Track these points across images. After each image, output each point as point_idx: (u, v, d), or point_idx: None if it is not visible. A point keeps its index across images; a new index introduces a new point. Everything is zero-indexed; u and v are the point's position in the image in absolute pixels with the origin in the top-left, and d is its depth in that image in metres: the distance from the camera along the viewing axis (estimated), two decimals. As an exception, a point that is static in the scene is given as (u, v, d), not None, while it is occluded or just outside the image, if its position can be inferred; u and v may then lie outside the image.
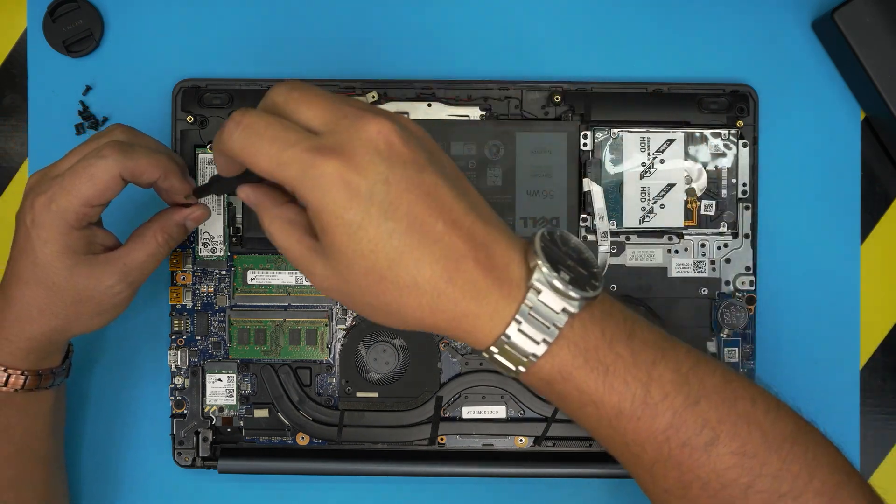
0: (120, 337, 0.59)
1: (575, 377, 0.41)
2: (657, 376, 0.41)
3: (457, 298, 0.40)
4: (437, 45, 0.59)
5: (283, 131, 0.40)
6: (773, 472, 0.41)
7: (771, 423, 0.42)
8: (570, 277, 0.40)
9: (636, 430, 0.41)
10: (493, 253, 0.41)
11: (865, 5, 0.56)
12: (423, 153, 0.41)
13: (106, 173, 0.47)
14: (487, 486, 0.60)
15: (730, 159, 0.58)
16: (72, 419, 0.59)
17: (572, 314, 0.40)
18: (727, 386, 0.42)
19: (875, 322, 0.59)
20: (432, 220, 0.40)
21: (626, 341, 0.41)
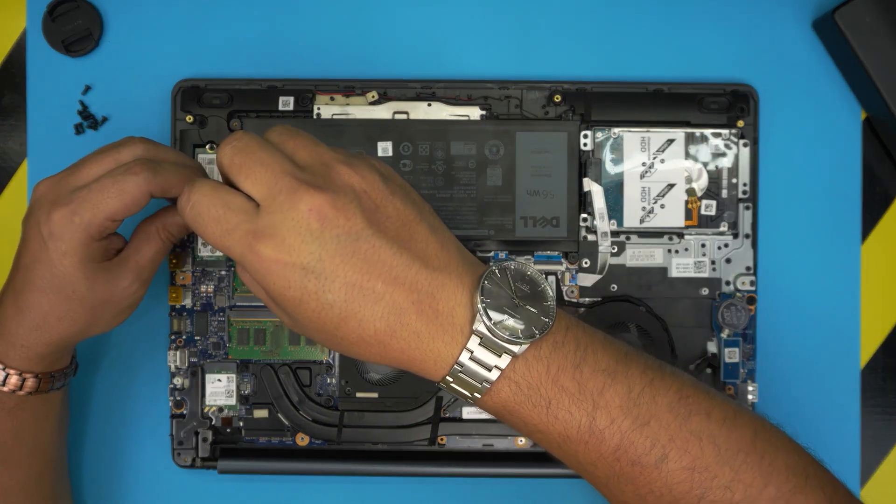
0: (120, 337, 0.59)
1: (518, 411, 0.43)
2: (604, 403, 0.42)
3: (402, 348, 0.42)
4: (437, 45, 0.59)
5: (224, 213, 0.42)
6: (725, 483, 0.42)
7: (726, 435, 0.43)
8: (514, 320, 0.42)
9: (586, 452, 0.43)
10: (438, 300, 0.42)
11: (866, 5, 0.55)
12: (359, 217, 0.42)
13: (136, 189, 0.47)
14: (487, 486, 0.59)
15: (730, 159, 0.58)
16: (72, 420, 0.59)
17: (515, 355, 0.42)
18: (681, 402, 0.43)
19: (875, 322, 0.59)
20: (371, 283, 0.42)
21: (571, 373, 0.43)
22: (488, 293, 0.43)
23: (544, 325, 0.43)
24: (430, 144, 0.57)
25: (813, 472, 0.44)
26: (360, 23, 0.59)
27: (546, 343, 0.43)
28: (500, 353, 0.42)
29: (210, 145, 0.58)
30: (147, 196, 0.48)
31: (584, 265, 0.58)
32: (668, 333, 0.57)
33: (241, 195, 0.43)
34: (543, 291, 0.44)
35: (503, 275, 0.44)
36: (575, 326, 0.44)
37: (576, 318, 0.45)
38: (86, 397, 0.59)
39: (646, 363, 0.44)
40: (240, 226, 0.42)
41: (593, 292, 0.58)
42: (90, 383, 0.59)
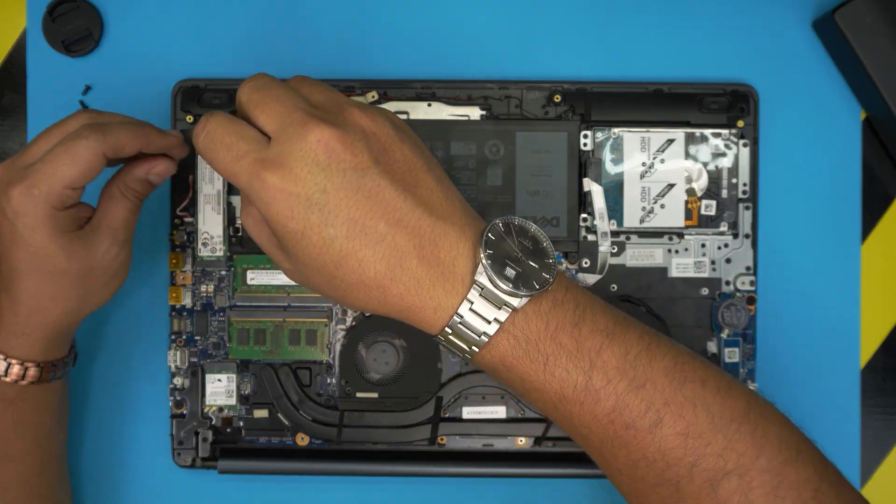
0: (120, 337, 0.59)
1: (516, 367, 0.43)
2: (601, 364, 0.43)
3: (402, 294, 0.42)
4: (437, 45, 0.59)
5: (236, 141, 0.43)
6: (718, 451, 0.42)
7: (720, 404, 0.43)
8: (516, 273, 0.42)
9: (580, 414, 0.43)
10: (440, 248, 0.43)
11: (866, 5, 0.55)
12: (367, 155, 0.42)
13: (88, 152, 0.47)
14: (487, 486, 0.59)
15: (730, 159, 0.58)
16: (72, 419, 0.59)
17: (515, 308, 0.42)
18: (677, 368, 0.43)
19: (875, 322, 0.59)
20: (374, 222, 0.42)
21: (570, 331, 0.43)
22: (491, 245, 0.43)
23: (545, 280, 0.43)
24: (430, 144, 0.57)
25: (804, 447, 0.44)
26: (360, 23, 0.59)
27: (546, 299, 0.43)
28: (499, 306, 0.42)
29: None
30: (100, 158, 0.47)
31: (584, 265, 0.58)
32: (668, 333, 0.57)
33: (255, 128, 0.43)
34: (546, 249, 0.44)
35: (507, 229, 0.44)
36: (575, 288, 0.45)
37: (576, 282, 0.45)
38: (86, 397, 0.59)
39: (643, 328, 0.45)
40: (249, 153, 0.42)
41: (593, 292, 0.58)
42: (91, 383, 0.59)
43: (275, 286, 0.58)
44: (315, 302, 0.58)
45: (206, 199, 0.57)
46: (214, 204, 0.57)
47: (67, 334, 0.52)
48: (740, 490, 0.42)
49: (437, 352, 0.58)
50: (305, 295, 0.58)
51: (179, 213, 0.58)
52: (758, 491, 0.42)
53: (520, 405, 0.58)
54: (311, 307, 0.58)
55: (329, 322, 0.58)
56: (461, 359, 0.44)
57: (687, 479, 0.42)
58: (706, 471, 0.42)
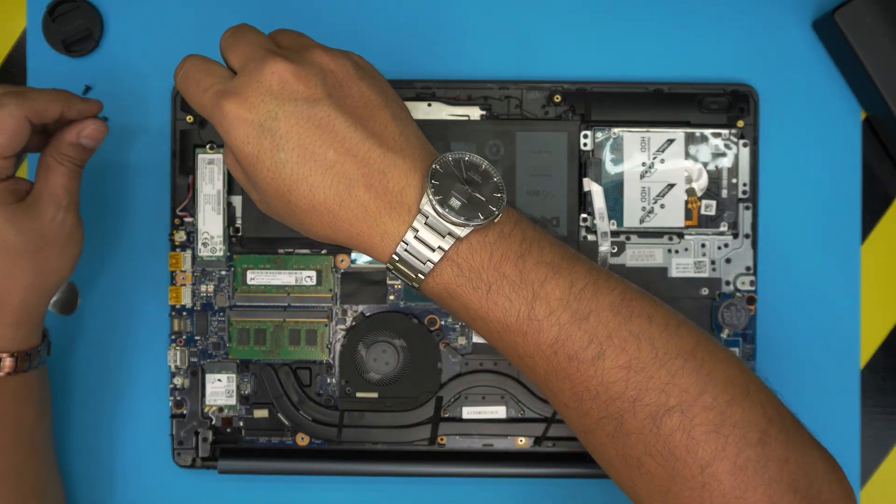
0: (119, 336, 0.59)
1: (459, 295, 0.44)
2: (544, 294, 0.43)
3: (350, 220, 0.44)
4: (437, 45, 0.59)
5: (204, 76, 0.46)
6: (661, 385, 0.42)
7: (665, 340, 0.43)
8: (462, 204, 0.44)
9: (524, 343, 0.44)
10: (389, 178, 0.44)
11: (866, 5, 0.55)
12: (320, 88, 0.44)
13: (10, 117, 0.48)
14: (487, 486, 0.59)
15: (730, 159, 0.58)
16: (71, 419, 0.59)
17: (459, 238, 0.44)
18: (624, 303, 0.44)
19: (875, 322, 0.59)
20: (323, 150, 0.44)
21: (514, 262, 0.44)
22: (438, 176, 0.44)
23: (491, 212, 0.44)
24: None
25: (756, 389, 0.44)
26: (361, 23, 0.59)
27: (493, 231, 0.44)
28: (444, 235, 0.44)
29: (210, 145, 0.58)
30: (24, 122, 0.49)
31: (584, 265, 0.58)
32: (668, 333, 0.57)
33: (225, 67, 0.46)
34: (495, 183, 0.45)
35: (456, 162, 0.45)
36: (525, 223, 0.46)
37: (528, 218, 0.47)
38: (86, 396, 0.59)
39: (591, 265, 0.45)
40: (213, 86, 0.45)
41: (593, 292, 0.58)
42: (90, 382, 0.59)
43: (275, 286, 0.58)
44: (315, 302, 0.58)
45: (206, 199, 0.57)
46: (214, 204, 0.57)
47: (35, 318, 0.52)
48: (682, 426, 0.42)
49: (436, 352, 0.58)
50: (306, 295, 0.58)
51: (179, 213, 0.58)
52: (700, 428, 0.42)
53: (520, 405, 0.58)
54: (311, 307, 0.58)
55: (329, 322, 0.58)
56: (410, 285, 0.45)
57: (630, 413, 0.43)
58: (648, 405, 0.42)
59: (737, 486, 0.42)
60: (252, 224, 0.57)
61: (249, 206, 0.57)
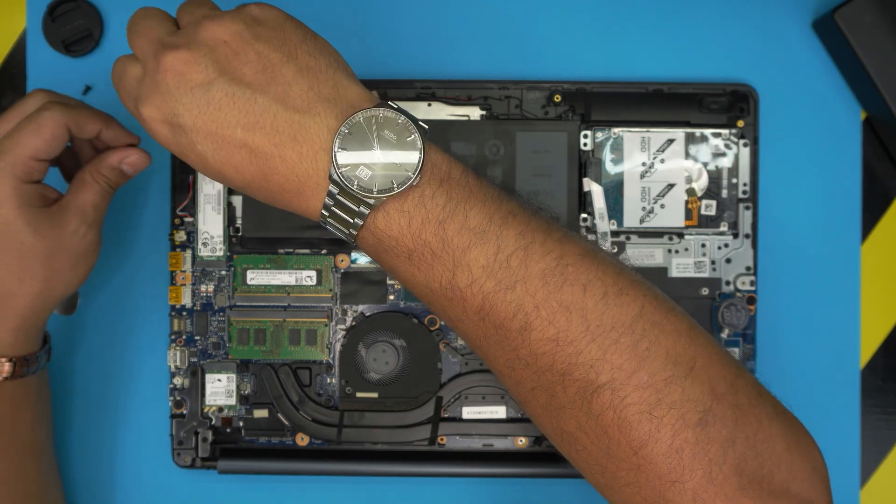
0: (119, 336, 0.59)
1: (383, 259, 0.44)
2: (466, 262, 0.41)
3: (279, 191, 0.43)
4: (437, 45, 0.59)
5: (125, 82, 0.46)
6: (590, 361, 0.40)
7: (601, 311, 0.41)
8: (371, 175, 0.42)
9: (453, 308, 0.43)
10: (301, 143, 0.42)
11: (866, 5, 0.55)
12: (212, 68, 0.43)
13: (52, 122, 0.49)
14: (487, 486, 0.59)
15: (730, 159, 0.58)
16: (70, 419, 0.59)
17: (371, 207, 0.42)
18: (557, 270, 0.41)
19: (875, 322, 0.59)
20: (230, 131, 0.43)
21: (434, 229, 0.42)
22: (347, 142, 0.42)
23: (405, 179, 0.42)
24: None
25: (704, 364, 0.41)
26: (361, 23, 0.59)
27: (412, 196, 0.42)
28: (358, 205, 0.42)
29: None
30: (64, 129, 0.49)
31: (584, 265, 0.58)
32: (668, 333, 0.57)
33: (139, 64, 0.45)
34: (411, 141, 0.43)
35: (367, 121, 0.42)
36: (453, 181, 0.43)
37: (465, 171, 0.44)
38: (85, 397, 0.59)
39: (528, 225, 0.42)
40: (132, 92, 0.45)
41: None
42: (90, 383, 0.59)
43: (275, 286, 0.58)
44: (315, 302, 0.58)
45: (206, 199, 0.57)
46: (214, 204, 0.57)
47: (37, 325, 0.52)
48: (612, 405, 0.40)
49: (437, 352, 0.58)
50: (305, 295, 0.58)
51: (179, 213, 0.58)
52: (632, 408, 0.40)
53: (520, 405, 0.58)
54: (311, 307, 0.58)
55: (329, 322, 0.58)
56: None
57: (560, 386, 0.41)
58: (577, 381, 0.40)
59: (672, 469, 0.39)
60: (252, 224, 0.57)
61: (249, 206, 0.57)
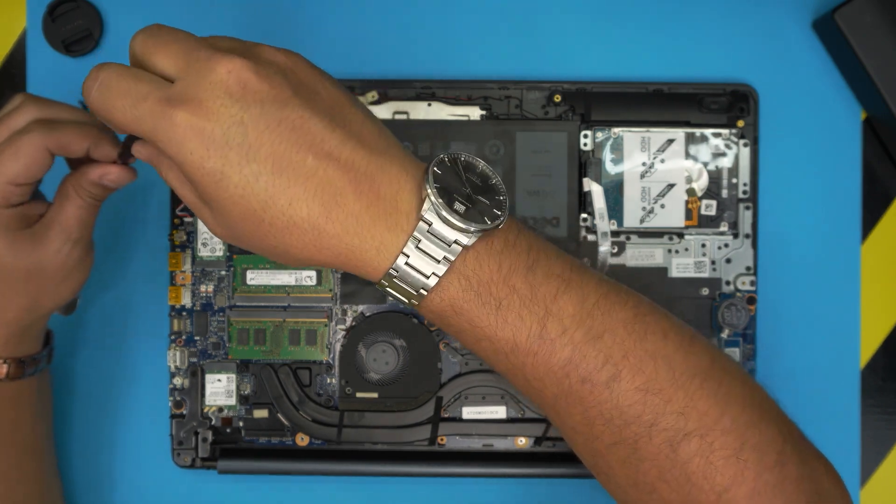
0: (120, 337, 0.59)
1: (466, 311, 0.40)
2: (556, 310, 0.40)
3: (339, 234, 0.39)
4: (437, 45, 0.59)
5: (134, 84, 0.39)
6: (679, 409, 0.40)
7: (682, 359, 0.40)
8: (466, 209, 0.40)
9: (534, 365, 0.41)
10: (379, 183, 0.39)
11: (866, 5, 0.55)
12: (286, 87, 0.39)
13: (32, 148, 0.45)
14: (487, 487, 0.59)
15: (730, 159, 0.58)
16: (70, 419, 0.59)
17: (466, 246, 0.40)
18: (637, 319, 0.41)
19: (875, 322, 0.59)
20: (301, 156, 0.38)
21: (524, 274, 0.40)
22: (438, 179, 0.40)
23: (497, 216, 0.40)
24: (430, 144, 0.57)
25: (768, 407, 0.42)
26: (360, 23, 0.59)
27: (498, 239, 0.40)
28: (449, 244, 0.39)
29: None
30: (45, 154, 0.45)
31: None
32: (668, 333, 0.57)
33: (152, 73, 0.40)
34: (496, 185, 0.42)
35: (453, 164, 0.41)
36: (527, 231, 0.42)
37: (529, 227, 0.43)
38: (85, 397, 0.59)
39: (601, 276, 0.42)
40: (151, 93, 0.39)
41: (593, 292, 0.58)
42: (89, 383, 0.59)
43: (275, 286, 0.58)
44: (315, 302, 0.58)
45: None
46: (214, 204, 0.57)
47: (30, 331, 0.51)
48: (701, 452, 0.40)
49: (437, 352, 0.58)
50: (305, 295, 0.58)
51: (179, 213, 0.58)
52: (719, 453, 0.40)
53: (520, 405, 0.58)
54: (311, 307, 0.58)
55: (329, 322, 0.58)
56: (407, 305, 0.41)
57: (645, 438, 0.40)
58: (666, 430, 0.40)
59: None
60: (252, 224, 0.57)
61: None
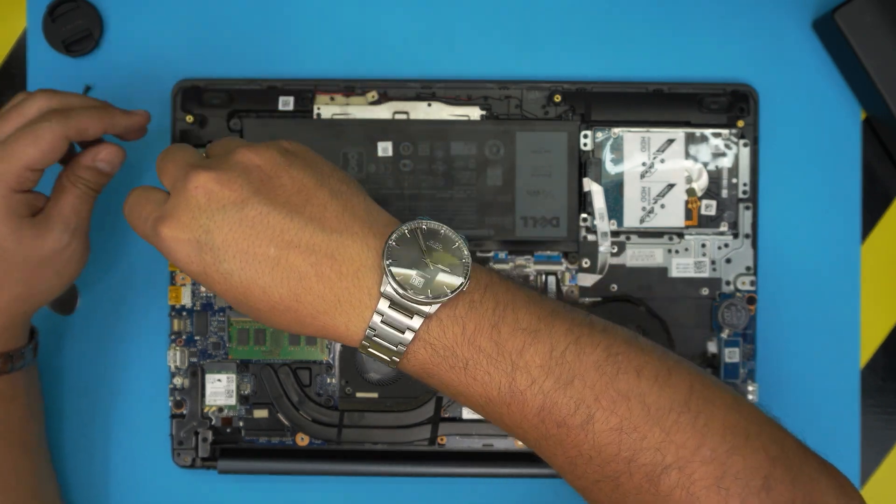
0: (119, 336, 0.59)
1: (436, 373, 0.43)
2: (523, 364, 0.42)
3: (312, 314, 0.43)
4: (437, 45, 0.59)
5: (144, 206, 0.45)
6: (656, 444, 0.41)
7: (657, 394, 0.41)
8: (425, 281, 0.42)
9: (510, 414, 0.42)
10: (340, 262, 0.42)
11: (866, 5, 0.55)
12: (246, 188, 0.43)
13: (51, 134, 0.48)
14: (487, 486, 0.59)
15: (730, 159, 0.58)
16: (70, 419, 0.59)
17: (427, 315, 0.42)
18: (609, 360, 0.42)
19: (875, 322, 0.59)
20: (263, 249, 0.42)
21: (489, 333, 0.42)
22: (395, 253, 0.42)
23: (456, 284, 0.42)
24: (430, 144, 0.57)
25: (756, 431, 0.42)
26: (360, 23, 0.59)
27: (462, 302, 0.42)
28: (411, 315, 0.42)
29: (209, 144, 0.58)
30: (63, 140, 0.49)
31: (584, 265, 0.58)
32: (668, 333, 0.57)
33: (162, 191, 0.46)
34: (457, 249, 0.43)
35: (413, 234, 0.43)
36: (496, 285, 0.43)
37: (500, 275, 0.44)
38: (85, 397, 0.59)
39: (573, 321, 0.43)
40: (151, 214, 0.45)
41: (593, 292, 0.58)
42: (90, 382, 0.59)
43: (275, 286, 0.58)
44: (315, 302, 0.58)
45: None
46: (214, 204, 0.57)
47: (19, 323, 0.52)
48: (681, 484, 0.40)
49: (437, 352, 0.58)
50: (305, 295, 0.58)
51: (179, 213, 0.58)
52: (699, 483, 0.40)
53: (520, 405, 0.58)
54: (311, 307, 0.58)
55: (329, 322, 0.58)
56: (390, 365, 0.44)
57: (626, 474, 0.41)
58: (644, 465, 0.41)
59: None
60: (252, 224, 0.57)
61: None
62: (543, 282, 0.58)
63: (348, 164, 0.57)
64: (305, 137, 0.57)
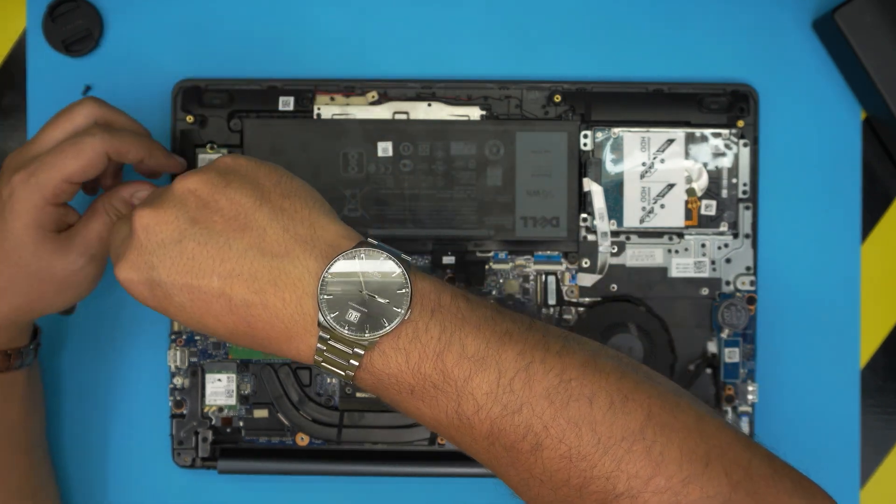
0: (120, 336, 0.59)
1: (385, 396, 0.43)
2: (469, 391, 0.41)
3: (267, 338, 0.42)
4: (437, 45, 0.59)
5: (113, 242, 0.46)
6: (606, 474, 0.40)
7: (609, 423, 0.40)
8: (361, 315, 0.41)
9: (461, 438, 0.42)
10: (283, 289, 0.42)
11: (866, 5, 0.55)
12: (182, 220, 0.43)
13: (92, 149, 0.49)
14: (487, 486, 0.59)
15: (730, 159, 0.58)
16: (70, 419, 0.59)
17: (365, 348, 0.41)
18: (561, 387, 0.41)
19: (875, 322, 0.59)
20: (206, 281, 0.42)
21: (434, 361, 0.41)
22: (331, 287, 0.41)
23: (395, 315, 0.41)
24: (430, 144, 0.57)
25: (717, 455, 0.40)
26: (361, 23, 0.59)
27: (405, 332, 0.41)
28: (352, 347, 0.41)
29: (210, 145, 0.58)
30: (103, 157, 0.49)
31: (584, 265, 0.58)
32: (668, 333, 0.57)
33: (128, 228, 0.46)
34: (397, 279, 0.42)
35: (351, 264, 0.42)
36: (443, 309, 0.42)
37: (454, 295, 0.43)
38: (85, 396, 0.59)
39: (525, 343, 0.42)
40: (114, 252, 0.45)
41: (593, 292, 0.58)
42: (90, 382, 0.59)
43: (275, 286, 0.58)
44: (315, 302, 0.58)
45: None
46: (214, 204, 0.57)
47: (16, 328, 0.52)
48: None
49: (437, 352, 0.58)
50: (305, 295, 0.58)
51: (179, 213, 0.58)
52: None
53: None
54: (311, 307, 0.58)
55: (329, 322, 0.58)
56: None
57: (578, 499, 0.40)
58: (595, 493, 0.40)
59: None
60: (252, 224, 0.57)
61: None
62: (543, 282, 0.58)
63: (348, 164, 0.57)
64: (305, 137, 0.57)
